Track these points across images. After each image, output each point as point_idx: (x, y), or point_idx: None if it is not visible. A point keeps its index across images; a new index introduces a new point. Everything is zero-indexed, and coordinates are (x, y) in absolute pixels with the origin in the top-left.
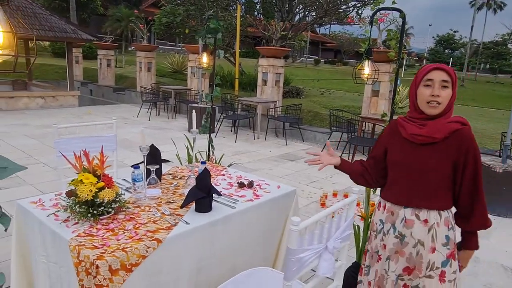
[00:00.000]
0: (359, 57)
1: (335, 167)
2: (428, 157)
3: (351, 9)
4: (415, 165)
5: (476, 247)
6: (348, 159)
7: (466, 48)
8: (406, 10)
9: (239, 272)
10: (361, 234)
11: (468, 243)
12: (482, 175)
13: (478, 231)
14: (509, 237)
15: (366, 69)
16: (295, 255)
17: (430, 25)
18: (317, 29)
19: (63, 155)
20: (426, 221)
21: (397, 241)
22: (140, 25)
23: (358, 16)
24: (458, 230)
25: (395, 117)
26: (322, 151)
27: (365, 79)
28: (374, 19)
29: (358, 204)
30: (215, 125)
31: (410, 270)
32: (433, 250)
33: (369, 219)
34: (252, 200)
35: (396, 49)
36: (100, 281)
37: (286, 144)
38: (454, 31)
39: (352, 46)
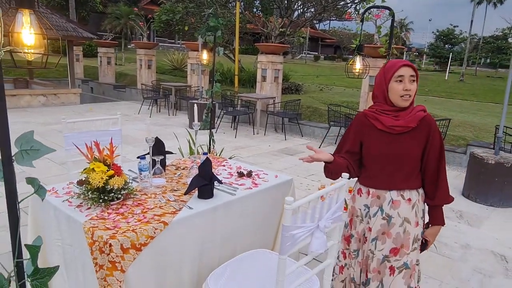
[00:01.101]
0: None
1: (326, 163)
2: (405, 143)
3: (349, 4)
4: (395, 152)
5: (442, 222)
6: None
7: (466, 43)
8: (406, 5)
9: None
10: None
11: (435, 219)
12: (444, 154)
13: (443, 207)
14: (500, 225)
15: (358, 64)
16: (288, 231)
17: (430, 20)
18: (317, 25)
19: (76, 146)
20: (409, 199)
21: (384, 222)
22: (140, 23)
23: (356, 12)
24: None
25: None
26: (319, 147)
27: (356, 74)
28: (369, 16)
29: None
30: (215, 121)
31: (397, 250)
32: (417, 224)
33: None
34: (251, 188)
35: (386, 45)
36: (113, 258)
37: (285, 139)
38: (454, 26)
39: (352, 42)
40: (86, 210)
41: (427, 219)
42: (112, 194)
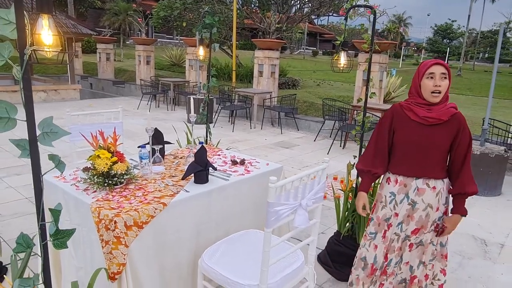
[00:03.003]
0: (355, 48)
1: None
2: (435, 135)
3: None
4: (425, 142)
5: (461, 212)
6: (340, 145)
7: (464, 37)
8: (406, 0)
9: None
10: (341, 206)
11: (455, 208)
12: (471, 150)
13: (465, 199)
14: (484, 213)
15: (342, 59)
16: (273, 207)
17: (428, 15)
18: (315, 21)
19: (82, 135)
20: (434, 188)
21: (409, 208)
22: (138, 19)
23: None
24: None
25: (371, 101)
26: (315, 140)
27: (341, 68)
28: (363, 13)
29: (341, 181)
30: (213, 116)
31: (418, 230)
32: (437, 209)
33: (349, 192)
34: (244, 175)
35: (369, 42)
36: (118, 234)
37: (281, 133)
38: (453, 21)
39: (351, 37)
40: (92, 193)
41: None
42: (116, 178)
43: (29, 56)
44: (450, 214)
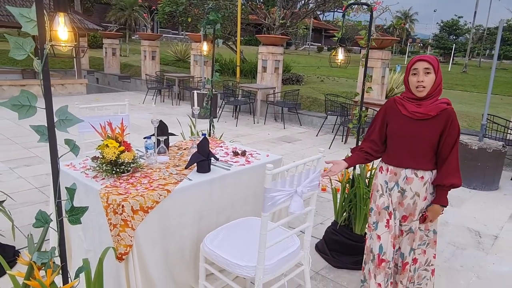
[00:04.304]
0: (358, 45)
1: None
2: (423, 129)
3: None
4: (413, 136)
5: (441, 202)
6: (342, 140)
7: (470, 34)
8: None
9: None
10: (338, 196)
11: (436, 198)
12: (458, 144)
13: (448, 191)
14: (479, 206)
15: (340, 55)
16: (269, 193)
17: (434, 11)
18: (320, 17)
19: (92, 126)
20: (422, 177)
21: (399, 195)
22: (144, 14)
23: (350, 7)
24: None
25: (367, 95)
26: (317, 135)
27: (338, 64)
28: (363, 10)
29: (341, 174)
30: (217, 111)
31: (406, 217)
32: (425, 198)
33: (345, 184)
34: (244, 165)
35: (366, 38)
36: (125, 217)
37: (284, 128)
38: (459, 17)
39: (356, 33)
40: (100, 180)
41: None
42: (123, 167)
43: (52, 50)
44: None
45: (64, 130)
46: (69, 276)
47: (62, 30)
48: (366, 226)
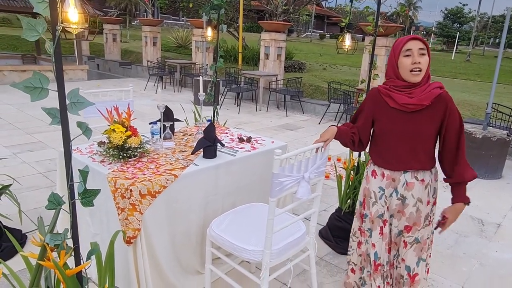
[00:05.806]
0: (362, 32)
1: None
2: (419, 122)
3: None
4: (408, 131)
5: (463, 200)
6: None
7: (475, 22)
8: None
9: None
10: (343, 183)
11: (456, 197)
12: (464, 133)
13: (465, 186)
14: (483, 194)
15: (347, 41)
16: (277, 178)
17: None
18: (322, 3)
19: (99, 110)
20: (423, 180)
21: (399, 202)
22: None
23: None
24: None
25: (372, 83)
26: (319, 123)
27: (345, 50)
28: None
29: (344, 162)
30: (219, 98)
31: (410, 228)
32: (428, 202)
33: (350, 171)
34: (250, 151)
35: (373, 24)
36: (133, 201)
37: (287, 115)
38: (463, 5)
39: (359, 20)
40: (108, 165)
41: (438, 197)
42: (130, 151)
43: (64, 32)
44: (450, 204)
45: (75, 113)
46: (81, 257)
47: (72, 12)
48: (357, 229)
